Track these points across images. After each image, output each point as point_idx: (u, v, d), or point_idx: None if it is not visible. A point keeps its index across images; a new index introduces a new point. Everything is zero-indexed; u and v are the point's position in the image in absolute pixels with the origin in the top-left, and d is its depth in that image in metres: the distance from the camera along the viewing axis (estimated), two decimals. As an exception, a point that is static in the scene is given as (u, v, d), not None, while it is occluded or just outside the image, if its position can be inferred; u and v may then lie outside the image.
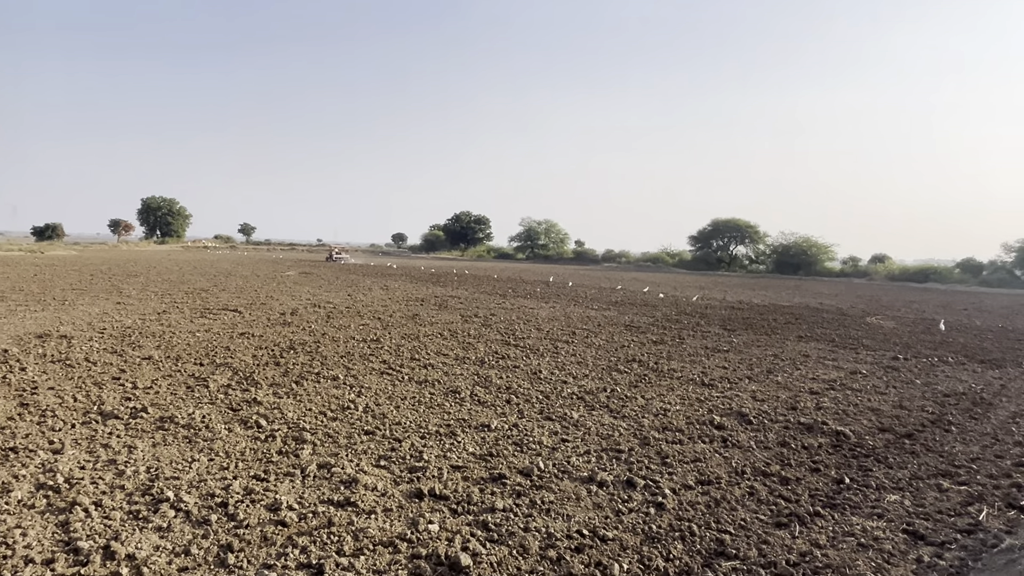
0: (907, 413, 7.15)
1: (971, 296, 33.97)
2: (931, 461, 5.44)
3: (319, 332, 11.58)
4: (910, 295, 32.80)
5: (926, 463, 5.39)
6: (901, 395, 8.12)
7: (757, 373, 9.24)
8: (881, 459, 5.46)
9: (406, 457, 5.04)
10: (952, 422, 6.81)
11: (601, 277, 39.77)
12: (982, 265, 50.29)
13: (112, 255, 49.58)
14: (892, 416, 6.99)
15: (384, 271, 36.81)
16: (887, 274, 51.44)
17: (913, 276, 49.62)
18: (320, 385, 7.44)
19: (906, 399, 7.88)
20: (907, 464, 5.36)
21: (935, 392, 8.38)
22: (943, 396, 8.15)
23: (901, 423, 6.71)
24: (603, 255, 76.15)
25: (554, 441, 5.62)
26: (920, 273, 49.94)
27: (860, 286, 41.67)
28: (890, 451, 5.71)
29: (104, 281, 22.39)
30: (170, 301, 16.20)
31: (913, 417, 6.98)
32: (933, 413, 7.20)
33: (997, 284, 44.92)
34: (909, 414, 7.11)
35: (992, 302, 29.12)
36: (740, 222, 64.06)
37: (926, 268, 51.43)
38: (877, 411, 7.19)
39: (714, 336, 13.06)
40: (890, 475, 5.07)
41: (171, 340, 10.14)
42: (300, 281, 26.27)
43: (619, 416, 6.57)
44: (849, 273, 54.94)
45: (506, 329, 13.00)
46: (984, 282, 46.29)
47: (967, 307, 25.15)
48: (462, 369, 8.71)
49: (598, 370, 9.01)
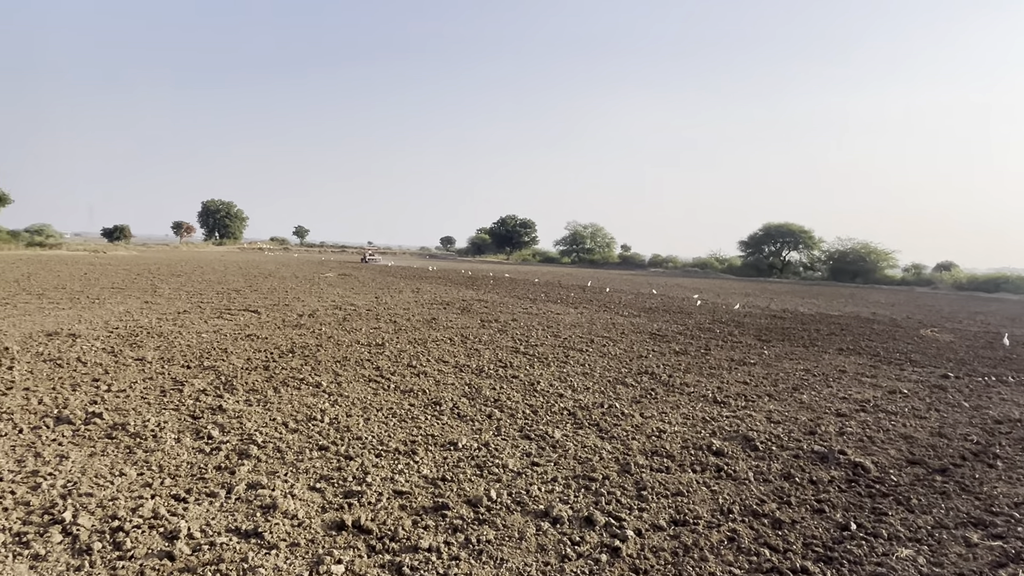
0: (946, 443, 6.24)
1: (1047, 308, 31.36)
2: (963, 505, 4.60)
3: (326, 335, 11.29)
4: (976, 306, 30.51)
5: (957, 507, 4.55)
6: (943, 420, 7.16)
7: (780, 390, 8.39)
8: (902, 499, 4.65)
9: (348, 479, 4.56)
10: (999, 455, 5.87)
11: (643, 282, 38.67)
12: (1062, 274, 46.67)
13: (169, 256, 51.42)
14: (927, 445, 6.09)
15: (422, 274, 36.75)
16: (953, 283, 48.36)
17: (982, 285, 46.41)
18: (298, 392, 7.06)
19: (948, 425, 6.93)
20: (933, 507, 4.54)
21: (985, 418, 7.37)
22: (993, 423, 7.14)
23: (936, 454, 5.82)
24: (650, 260, 74.54)
25: (522, 465, 5.04)
26: (990, 282, 46.66)
27: (922, 295, 39.15)
28: (915, 490, 4.88)
29: (145, 281, 22.93)
30: (197, 301, 16.31)
31: (952, 448, 6.07)
32: (978, 443, 6.26)
33: (1078, 295, 41.54)
34: (948, 444, 6.20)
35: (1070, 315, 26.73)
36: (793, 227, 61.52)
37: (997, 277, 48.01)
38: (910, 439, 6.30)
39: (744, 347, 12.15)
40: (908, 521, 4.27)
41: (174, 341, 10.00)
42: (335, 283, 26.36)
43: (607, 436, 5.92)
44: (911, 281, 51.91)
45: (521, 335, 12.43)
46: (1063, 293, 42.89)
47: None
48: (456, 378, 8.20)
49: (602, 383, 8.35)
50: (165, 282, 22.64)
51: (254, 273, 30.53)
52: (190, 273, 28.54)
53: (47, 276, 23.32)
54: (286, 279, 27.25)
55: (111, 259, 41.84)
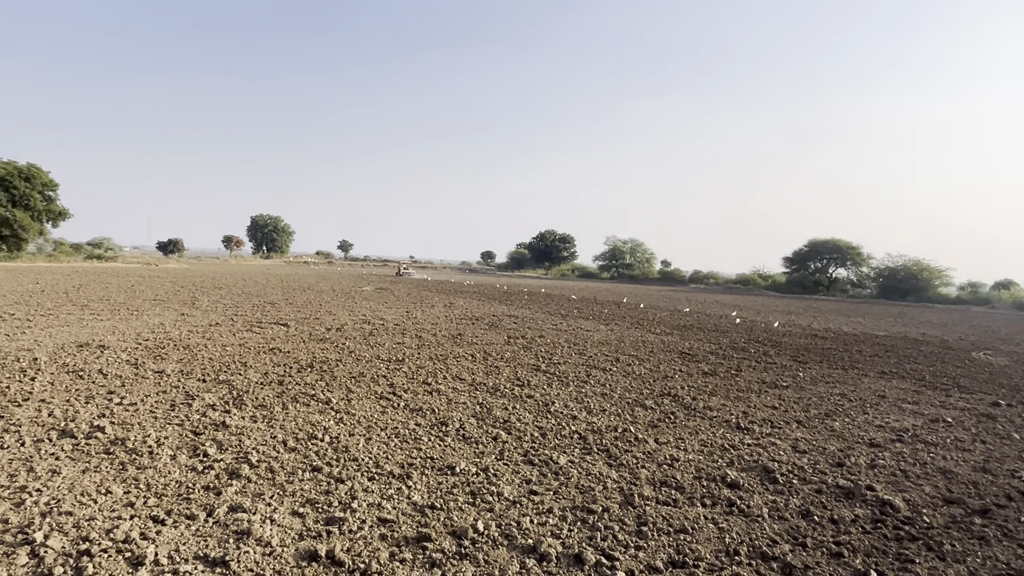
0: (990, 480, 5.71)
1: (1118, 330, 29.34)
2: (1004, 554, 4.14)
3: (348, 350, 11.26)
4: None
5: (995, 556, 4.10)
6: (989, 454, 6.59)
7: (811, 416, 7.91)
8: (933, 544, 4.22)
9: (334, 504, 4.39)
10: (1050, 496, 5.34)
11: (681, 299, 37.86)
12: None
13: (216, 269, 52.98)
14: (968, 482, 5.59)
15: (458, 288, 36.82)
16: (1013, 302, 45.85)
17: (1047, 305, 43.91)
18: (306, 409, 6.98)
19: (994, 459, 6.37)
20: (968, 555, 4.09)
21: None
22: (1047, 458, 6.55)
23: (978, 493, 5.32)
24: (690, 276, 73.23)
25: (519, 493, 4.79)
26: (1056, 302, 44.13)
27: (978, 315, 37.18)
28: (950, 533, 4.43)
29: (187, 293, 23.53)
30: (231, 314, 16.59)
31: (996, 486, 5.55)
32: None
33: None
34: (992, 481, 5.67)
35: None
36: (840, 242, 59.49)
37: (1063, 296, 45.40)
38: (949, 474, 5.79)
39: (778, 369, 11.60)
40: (938, 571, 3.85)
41: (198, 354, 10.11)
42: (371, 296, 26.58)
43: (615, 464, 5.62)
44: (967, 300, 49.47)
45: (546, 353, 12.17)
46: None
47: (1110, 343, 21.55)
48: (469, 397, 8.00)
49: (621, 404, 8.02)
50: (206, 295, 23.19)
51: (293, 286, 31.08)
52: (231, 286, 29.23)
53: (96, 288, 24.18)
54: (323, 292, 27.63)
55: (161, 272, 43.31)
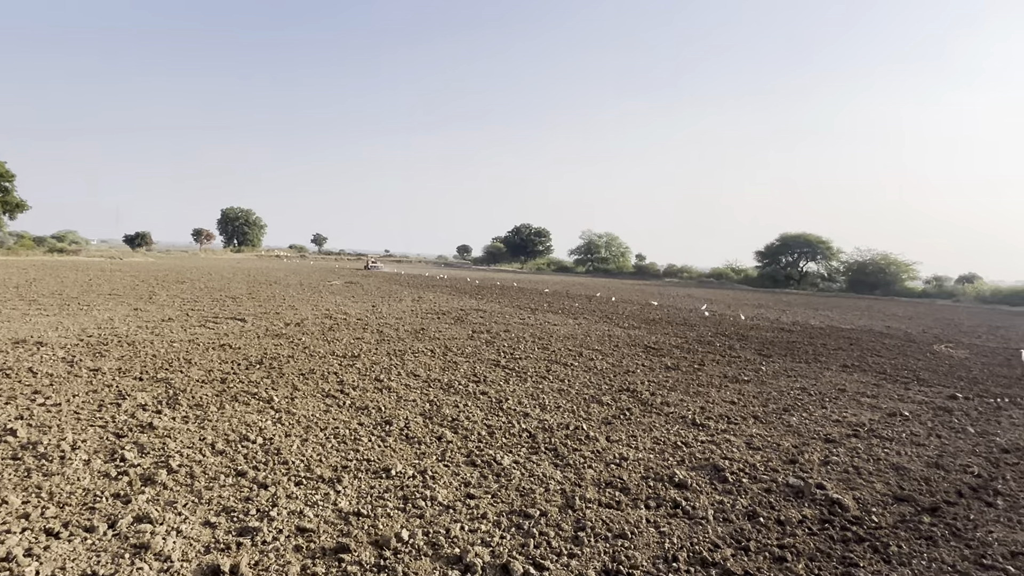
0: (942, 475, 5.62)
1: (1075, 322, 30.08)
2: (950, 555, 4.00)
3: (302, 346, 10.89)
4: (1000, 320, 29.34)
5: (941, 558, 3.95)
6: (943, 448, 6.52)
7: (769, 411, 7.79)
8: (879, 546, 4.07)
9: (252, 512, 4.09)
10: (1001, 492, 5.24)
11: (653, 293, 37.93)
12: (1091, 287, 44.98)
13: (183, 263, 51.81)
14: (920, 479, 5.48)
15: (429, 282, 36.41)
16: (977, 295, 46.85)
17: (1007, 298, 44.84)
18: (244, 409, 6.64)
19: (948, 454, 6.29)
20: (914, 557, 3.95)
21: (991, 446, 6.71)
22: (1000, 452, 6.49)
23: (929, 490, 5.21)
24: (665, 270, 73.60)
25: (454, 496, 4.54)
26: (1016, 295, 45.07)
27: (942, 308, 37.88)
28: (897, 533, 4.29)
29: (146, 287, 22.82)
30: (188, 309, 16.05)
31: (948, 481, 5.45)
32: (979, 477, 5.63)
33: (1110, 309, 39.88)
34: (944, 477, 5.58)
35: (1099, 330, 25.55)
36: (811, 237, 60.27)
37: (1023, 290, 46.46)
38: (902, 470, 5.69)
39: (742, 363, 11.52)
40: (881, 575, 3.70)
41: (141, 350, 9.67)
42: (339, 291, 26.08)
43: (562, 464, 5.40)
44: (932, 294, 50.42)
45: (508, 348, 11.93)
46: (1093, 307, 41.26)
47: (1067, 335, 22.01)
48: (420, 394, 7.72)
49: (577, 401, 7.82)
50: (166, 289, 22.51)
51: (260, 280, 30.41)
52: (195, 280, 28.49)
53: (50, 282, 23.33)
54: (290, 287, 27.04)
55: (124, 265, 42.15)
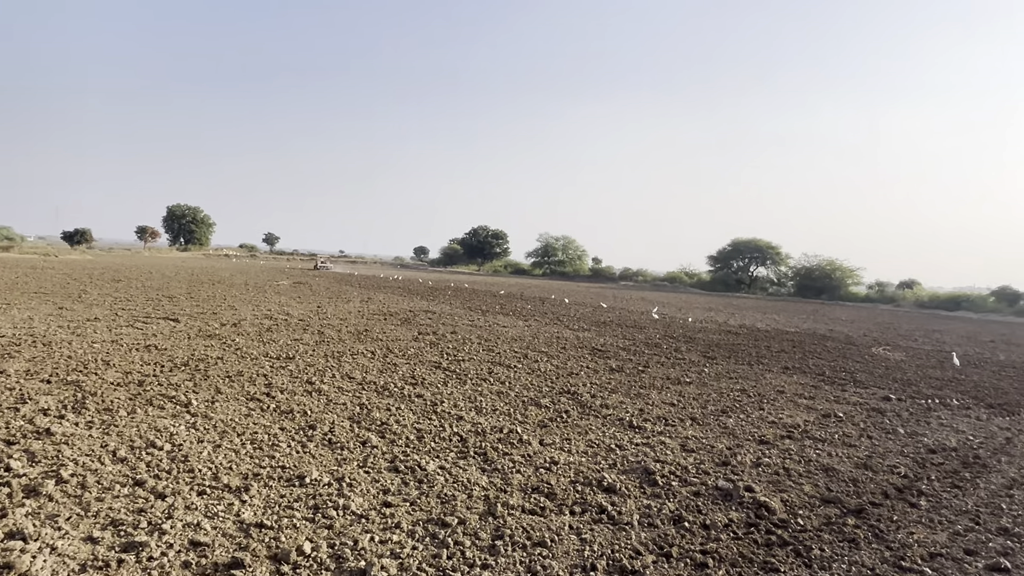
0: (870, 476, 5.64)
1: (1003, 326, 31.58)
2: (870, 557, 3.96)
3: (235, 347, 10.42)
4: (936, 324, 30.56)
5: (861, 561, 3.91)
6: (873, 449, 6.58)
7: (707, 413, 7.76)
8: (802, 550, 4.00)
9: (143, 525, 3.76)
10: (925, 492, 5.28)
11: (608, 295, 38.19)
12: (1019, 294, 47.29)
13: (124, 261, 49.69)
14: (848, 480, 5.49)
15: (382, 283, 35.81)
16: (916, 300, 48.84)
17: (944, 303, 46.92)
18: (158, 413, 6.22)
19: (877, 455, 6.34)
20: (834, 561, 3.89)
21: (918, 446, 6.82)
22: (927, 452, 6.59)
23: (856, 491, 5.21)
24: (620, 273, 74.39)
25: (370, 505, 4.29)
26: (951, 300, 47.21)
27: (884, 313, 39.30)
28: (821, 536, 4.24)
29: (78, 286, 21.71)
30: (118, 308, 15.26)
31: (875, 483, 5.47)
32: (905, 477, 5.67)
33: (1034, 315, 42.04)
34: (872, 478, 5.60)
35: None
36: (761, 242, 61.84)
37: (958, 296, 48.64)
38: (831, 472, 5.69)
39: (686, 365, 11.55)
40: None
41: (56, 352, 9.06)
42: (285, 291, 25.34)
43: (489, 469, 5.20)
44: (875, 299, 52.36)
45: (453, 349, 11.69)
46: (1020, 312, 43.44)
47: (995, 339, 23.03)
48: (352, 397, 7.42)
49: (515, 404, 7.64)
50: (99, 287, 21.44)
51: (203, 280, 29.33)
52: (133, 279, 27.28)
53: (-29, 279, 21.96)
54: (234, 287, 26.14)
55: (59, 263, 40.14)
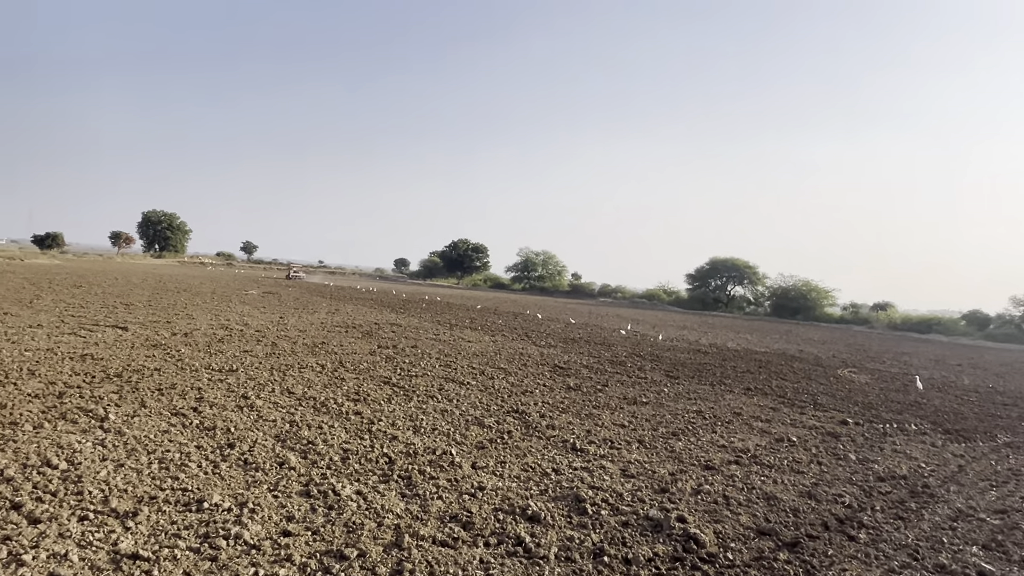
0: (813, 505, 5.42)
1: (972, 350, 31.89)
2: (797, 597, 3.72)
3: (178, 358, 10.00)
4: (906, 346, 30.78)
5: (787, 601, 3.66)
6: (820, 476, 6.37)
7: (656, 435, 7.52)
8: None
9: (3, 555, 3.40)
10: (865, 524, 5.06)
11: (583, 312, 38.04)
12: (989, 318, 48.00)
13: (92, 267, 48.60)
14: (789, 509, 5.25)
15: (354, 295, 35.32)
16: (888, 323, 49.30)
17: (916, 326, 47.40)
18: (70, 427, 5.83)
19: (823, 483, 6.13)
20: (759, 601, 3.64)
21: (868, 474, 6.62)
22: (875, 480, 6.39)
23: (795, 522, 4.97)
24: (599, 290, 74.50)
25: (266, 534, 3.96)
26: (923, 323, 47.72)
27: (857, 334, 39.60)
28: (748, 573, 3.99)
29: (32, 291, 21.06)
30: (67, 315, 14.72)
31: (818, 512, 5.24)
32: (848, 507, 5.46)
33: (1003, 339, 42.54)
34: (815, 507, 5.38)
35: (992, 358, 27.09)
36: (739, 262, 62.27)
37: (930, 318, 49.18)
38: (773, 501, 5.46)
39: (646, 384, 11.33)
40: (719, 623, 3.36)
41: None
42: (252, 301, 24.84)
43: (411, 494, 4.89)
44: (849, 320, 52.80)
45: (408, 364, 11.36)
46: (990, 336, 44.00)
47: (962, 362, 23.17)
48: (284, 414, 7.06)
49: (457, 423, 7.34)
50: (55, 293, 20.80)
51: (169, 288, 28.68)
52: (96, 284, 26.59)
53: (-79, 282, 21.19)
54: (200, 295, 25.56)
55: (21, 267, 39.11)
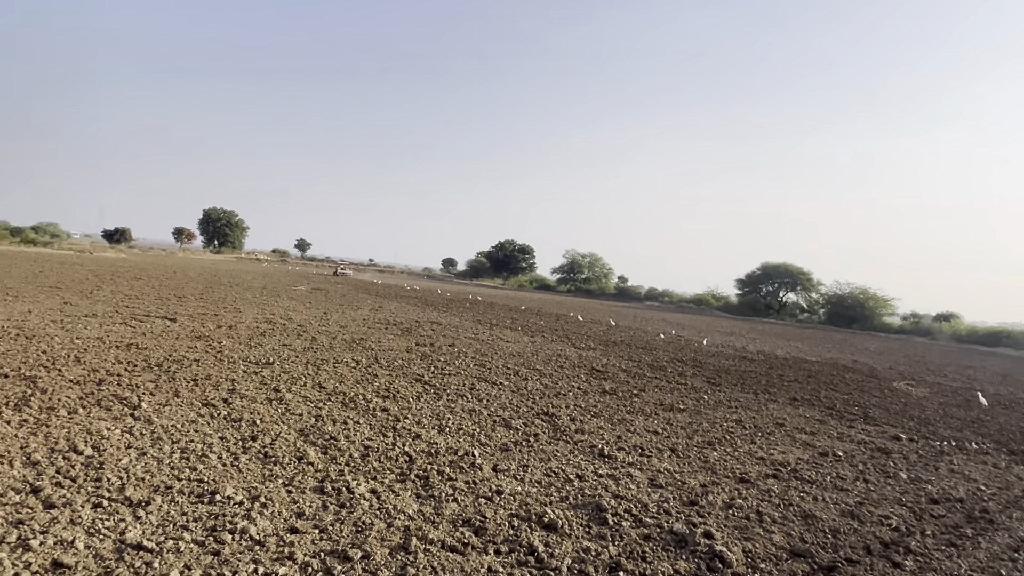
0: (854, 527, 5.03)
1: (1045, 366, 29.89)
2: (829, 628, 3.41)
3: (218, 349, 10.20)
4: (971, 359, 29.09)
5: (817, 632, 3.36)
6: (867, 495, 5.95)
7: (691, 444, 7.19)
8: (750, 614, 3.47)
9: (13, 538, 3.42)
10: (913, 550, 4.66)
11: (628, 315, 37.46)
12: (1065, 332, 45.02)
13: (153, 261, 50.72)
14: (828, 530, 4.89)
15: (399, 293, 35.71)
16: (952, 334, 46.80)
17: (982, 339, 44.81)
18: (103, 414, 5.94)
19: (869, 503, 5.72)
20: (786, 630, 3.35)
21: (919, 494, 6.15)
22: (928, 502, 5.93)
23: (834, 544, 4.62)
24: (646, 293, 73.38)
25: (273, 530, 3.89)
26: (991, 336, 45.05)
27: (917, 345, 37.70)
28: (778, 598, 3.70)
29: (94, 282, 22.03)
30: (122, 305, 15.30)
31: (859, 535, 4.86)
32: (895, 530, 5.05)
33: (1081, 355, 39.83)
34: (857, 529, 4.99)
35: (1067, 375, 25.32)
36: (792, 267, 60.27)
37: (999, 331, 46.38)
38: (811, 519, 5.10)
39: (685, 390, 10.95)
40: (739, 653, 3.10)
41: (33, 346, 8.95)
42: (300, 296, 25.37)
43: (426, 496, 4.76)
44: (909, 330, 50.38)
45: (443, 362, 11.30)
46: (1065, 351, 41.25)
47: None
48: (312, 408, 7.06)
49: (483, 424, 7.19)
50: (115, 284, 21.72)
51: (223, 282, 29.58)
52: (154, 277, 27.67)
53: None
54: (250, 289, 26.27)
55: (90, 260, 41.12)
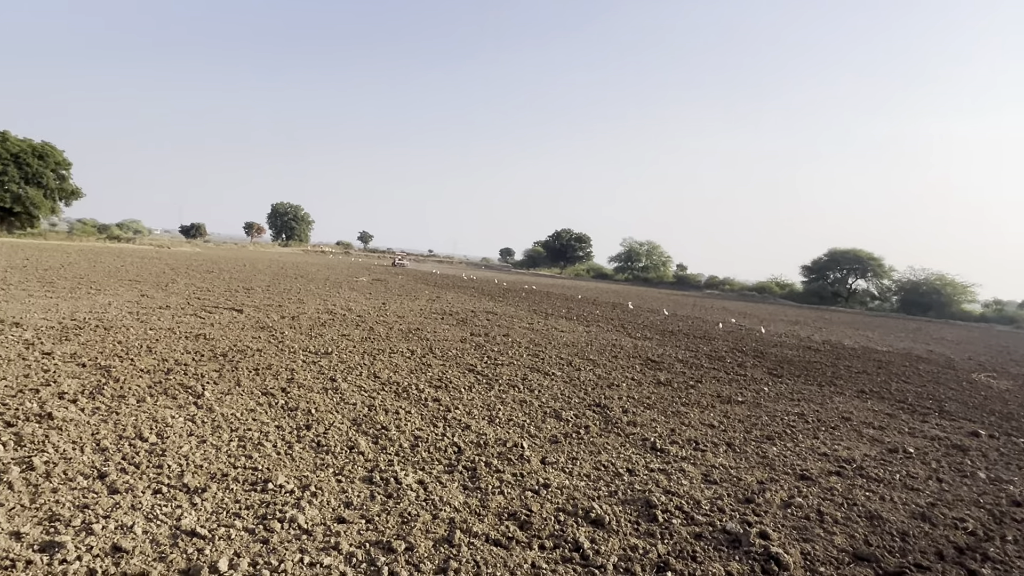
0: (925, 530, 4.72)
1: None
2: (893, 639, 3.20)
3: (280, 339, 10.54)
4: (1063, 350, 27.03)
5: (880, 642, 3.16)
6: (939, 496, 5.58)
7: (749, 439, 6.93)
8: (806, 621, 3.30)
9: (76, 523, 3.61)
10: (991, 557, 4.34)
11: (687, 304, 36.65)
12: None
13: (225, 254, 53.07)
14: (896, 532, 4.61)
15: (456, 283, 36.09)
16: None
17: (1077, 327, 41.65)
18: (169, 402, 6.22)
19: (942, 504, 5.36)
20: (845, 639, 3.17)
21: (1000, 496, 5.73)
22: (1009, 504, 5.51)
23: (901, 548, 4.35)
24: (706, 281, 71.57)
25: (321, 519, 3.96)
26: (1087, 324, 41.83)
27: (1000, 335, 35.30)
28: (837, 604, 3.50)
29: (170, 275, 23.19)
30: (193, 297, 16.05)
31: (930, 539, 4.56)
32: (972, 534, 4.72)
33: None
34: (928, 532, 4.69)
35: None
36: (861, 253, 57.37)
37: (1096, 319, 43.03)
38: (877, 521, 4.82)
39: (744, 381, 10.59)
40: (792, 662, 2.94)
41: (109, 337, 9.48)
42: (360, 287, 26.01)
43: (472, 487, 4.76)
44: (991, 318, 47.27)
45: (496, 352, 11.32)
46: None
47: None
48: (366, 397, 7.19)
49: (534, 415, 7.14)
50: (189, 277, 22.81)
51: (289, 274, 30.64)
52: (225, 270, 28.92)
53: (83, 266, 23.99)
54: (314, 281, 27.13)
55: (168, 254, 43.39)
